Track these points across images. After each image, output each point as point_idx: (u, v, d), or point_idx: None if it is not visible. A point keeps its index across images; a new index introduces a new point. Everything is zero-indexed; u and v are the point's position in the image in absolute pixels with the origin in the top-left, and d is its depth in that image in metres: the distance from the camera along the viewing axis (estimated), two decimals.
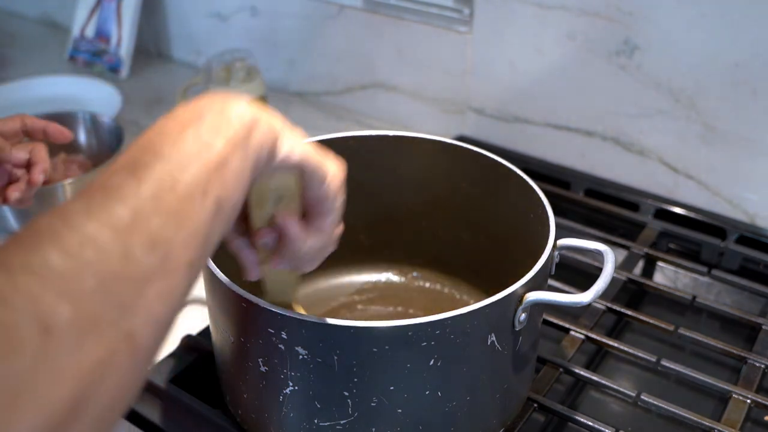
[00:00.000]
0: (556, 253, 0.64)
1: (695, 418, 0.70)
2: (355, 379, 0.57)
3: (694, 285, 0.92)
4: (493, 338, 0.58)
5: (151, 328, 0.36)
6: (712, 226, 0.97)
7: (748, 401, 0.72)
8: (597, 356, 0.82)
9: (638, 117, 1.00)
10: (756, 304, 0.89)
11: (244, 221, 0.54)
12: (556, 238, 0.64)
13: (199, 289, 0.66)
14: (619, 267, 0.90)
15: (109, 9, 1.39)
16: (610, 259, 0.61)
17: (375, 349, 0.55)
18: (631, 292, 0.90)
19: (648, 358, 0.76)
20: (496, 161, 0.74)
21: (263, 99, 1.12)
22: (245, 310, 0.58)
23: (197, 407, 0.70)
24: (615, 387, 0.74)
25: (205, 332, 0.79)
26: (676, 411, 0.71)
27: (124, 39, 1.39)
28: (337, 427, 0.60)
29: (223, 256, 0.57)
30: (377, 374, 0.57)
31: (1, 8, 1.73)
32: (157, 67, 1.48)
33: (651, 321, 0.82)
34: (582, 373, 0.75)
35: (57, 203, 0.96)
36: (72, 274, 0.33)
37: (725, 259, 0.93)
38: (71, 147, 1.11)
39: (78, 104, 1.26)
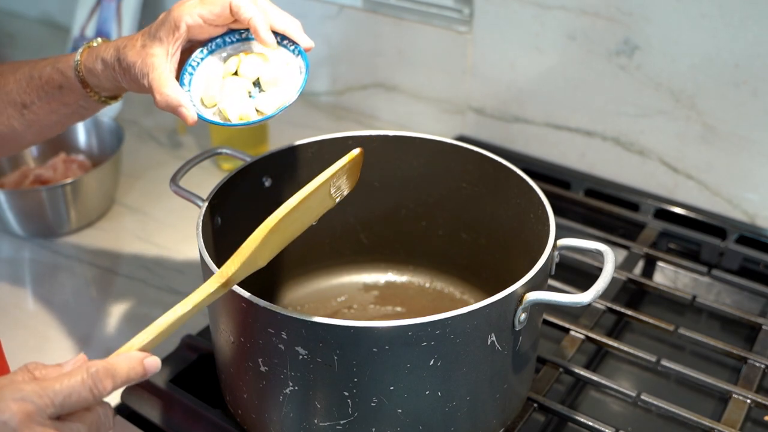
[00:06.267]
0: (556, 253, 0.64)
1: (695, 418, 0.70)
2: (355, 379, 0.57)
3: (694, 285, 0.92)
4: (493, 338, 0.58)
5: None
6: (712, 226, 0.97)
7: (748, 401, 0.72)
8: (597, 356, 0.82)
9: (638, 117, 1.00)
10: (756, 304, 0.89)
11: None
12: (556, 238, 0.64)
13: None
14: (619, 267, 0.90)
15: (109, 9, 1.39)
16: (610, 259, 0.61)
17: (375, 349, 0.55)
18: (631, 292, 0.90)
19: (648, 358, 0.76)
20: (496, 161, 0.74)
21: None
22: (245, 310, 0.58)
23: (197, 407, 0.70)
24: (615, 387, 0.74)
25: (205, 332, 0.79)
26: (676, 411, 0.71)
27: None
28: (337, 427, 0.60)
29: (224, 258, 0.57)
30: (377, 374, 0.57)
31: (1, 8, 1.73)
32: None
33: (651, 321, 0.82)
34: (582, 373, 0.75)
35: (58, 203, 0.97)
36: None
37: (725, 259, 0.93)
38: (71, 147, 1.12)
39: None
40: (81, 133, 1.12)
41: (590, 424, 0.70)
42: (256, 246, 0.55)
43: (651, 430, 0.75)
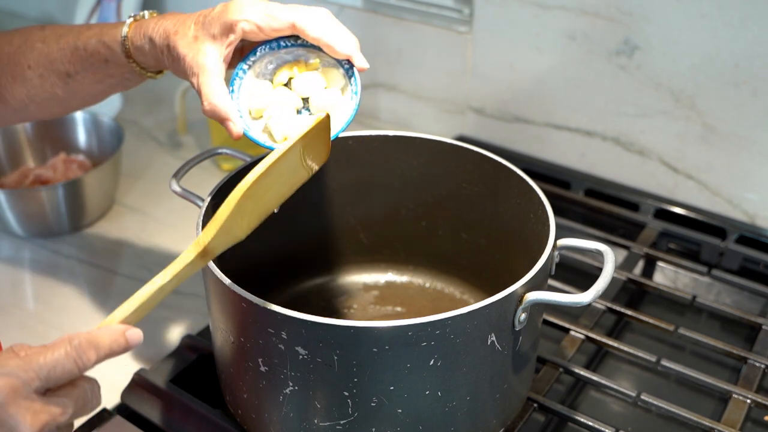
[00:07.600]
0: (556, 253, 0.64)
1: (695, 418, 0.70)
2: (355, 379, 0.57)
3: (694, 285, 0.92)
4: (493, 338, 0.58)
5: None
6: (712, 226, 0.97)
7: (748, 401, 0.72)
8: (597, 356, 0.82)
9: (638, 117, 1.01)
10: (756, 304, 0.89)
11: None
12: (556, 238, 0.64)
13: (199, 288, 0.66)
14: (619, 267, 0.90)
15: (109, 9, 1.39)
16: (610, 259, 0.61)
17: (375, 349, 0.55)
18: (631, 292, 0.90)
19: (648, 358, 0.76)
20: (496, 161, 0.74)
21: None
22: (245, 310, 0.58)
23: (197, 407, 0.70)
24: (615, 387, 0.74)
25: (205, 332, 0.79)
26: (676, 411, 0.71)
27: None
28: (337, 427, 0.60)
29: (224, 258, 0.57)
30: (377, 374, 0.57)
31: (1, 8, 1.73)
32: None
33: (651, 321, 0.82)
34: (582, 373, 0.75)
35: (58, 203, 0.97)
36: None
37: (725, 259, 0.93)
38: (71, 147, 1.11)
39: None
40: (81, 133, 1.12)
41: (590, 424, 0.70)
42: (230, 211, 0.55)
43: (651, 430, 0.75)
